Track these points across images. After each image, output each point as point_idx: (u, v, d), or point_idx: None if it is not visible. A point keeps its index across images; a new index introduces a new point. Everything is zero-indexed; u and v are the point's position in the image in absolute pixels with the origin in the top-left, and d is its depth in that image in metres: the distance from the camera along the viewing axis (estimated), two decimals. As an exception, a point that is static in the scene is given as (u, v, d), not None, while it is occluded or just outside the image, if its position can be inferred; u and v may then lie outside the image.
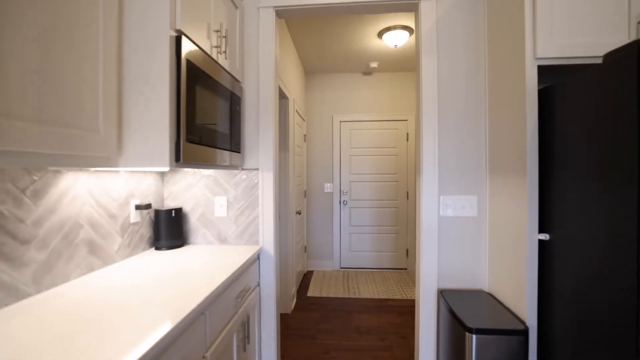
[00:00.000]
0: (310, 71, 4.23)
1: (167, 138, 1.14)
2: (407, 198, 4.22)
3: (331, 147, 4.30)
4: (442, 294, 1.76)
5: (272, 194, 1.88)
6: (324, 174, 4.32)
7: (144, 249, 1.74)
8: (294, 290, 3.24)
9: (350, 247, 4.31)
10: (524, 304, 1.42)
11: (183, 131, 1.18)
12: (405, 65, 3.96)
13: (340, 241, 4.32)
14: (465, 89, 1.81)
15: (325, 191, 4.31)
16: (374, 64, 3.88)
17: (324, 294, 3.46)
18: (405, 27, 2.95)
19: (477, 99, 1.81)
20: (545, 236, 1.38)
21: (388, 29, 2.98)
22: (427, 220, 1.81)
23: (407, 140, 4.21)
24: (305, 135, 4.19)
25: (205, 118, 1.37)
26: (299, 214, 3.47)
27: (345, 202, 4.29)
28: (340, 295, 3.42)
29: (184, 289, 1.14)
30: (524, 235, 1.42)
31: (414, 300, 3.28)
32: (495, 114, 1.71)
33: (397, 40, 3.04)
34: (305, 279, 3.98)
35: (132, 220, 1.63)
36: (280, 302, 2.99)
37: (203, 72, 1.34)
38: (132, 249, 1.63)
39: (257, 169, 1.90)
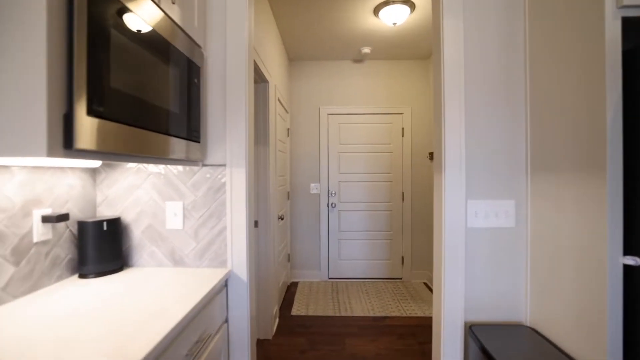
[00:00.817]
0: (295, 57, 3.75)
1: (44, 106, 0.64)
2: (403, 200, 3.81)
3: (318, 143, 3.84)
4: (472, 329, 1.33)
5: (245, 198, 1.39)
6: (309, 173, 3.85)
7: (59, 278, 1.22)
8: (275, 309, 2.75)
9: (339, 255, 3.86)
10: (600, 347, 1.00)
11: (80, 97, 0.69)
12: (401, 51, 3.54)
13: (328, 248, 3.86)
14: (497, 62, 1.39)
15: (312, 192, 3.84)
16: (366, 49, 3.44)
17: (311, 312, 2.99)
18: (406, 1, 2.52)
19: (513, 75, 1.39)
20: (634, 260, 0.96)
21: (386, 2, 2.54)
22: (451, 234, 1.37)
23: (403, 135, 3.80)
24: (288, 129, 3.71)
25: (134, 84, 0.88)
26: (282, 219, 2.98)
27: (333, 205, 3.84)
28: (329, 314, 2.96)
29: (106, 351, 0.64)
30: (602, 257, 1.00)
31: (415, 318, 2.86)
32: (541, 93, 1.29)
33: (396, 17, 2.61)
34: (289, 292, 3.50)
35: (36, 239, 1.11)
36: (259, 325, 2.50)
37: (127, 8, 0.84)
38: (36, 281, 1.11)
39: (224, 165, 1.41)
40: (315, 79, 3.83)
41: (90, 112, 0.72)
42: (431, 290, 3.55)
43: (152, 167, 1.41)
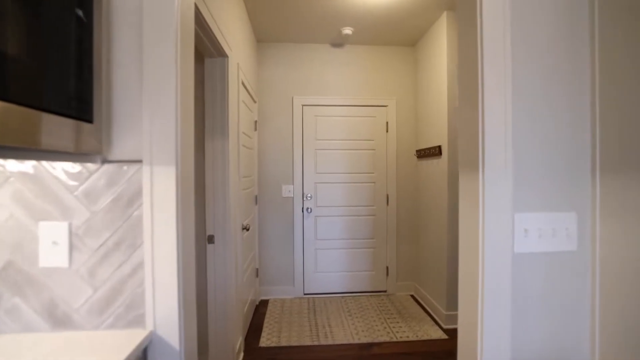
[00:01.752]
0: (264, 38, 3.21)
1: None
2: (387, 203, 3.39)
3: (291, 138, 3.33)
4: (525, 408, 0.89)
5: (174, 212, 0.86)
6: (281, 174, 3.33)
7: None
8: (239, 341, 2.22)
9: (316, 267, 3.37)
10: None
11: None
12: (386, 35, 3.12)
13: (303, 260, 3.36)
14: (554, 14, 0.96)
15: (284, 195, 3.32)
16: (347, 31, 2.98)
17: (284, 341, 2.47)
18: (398, -35, 2.08)
19: (577, 32, 0.96)
20: None
21: (375, -35, 2.08)
22: (492, 261, 0.92)
23: (387, 131, 3.38)
24: (256, 121, 3.16)
25: None
26: (247, 229, 2.45)
27: (309, 210, 3.34)
28: (306, 342, 2.46)
29: None
30: None
31: (407, 344, 2.43)
32: (621, 62, 0.87)
33: (386, -15, 2.16)
34: (258, 314, 2.96)
35: None
36: (217, 369, 1.95)
37: None
38: None
39: (141, 162, 0.87)
40: (288, 65, 3.32)
41: None
42: (419, 303, 3.16)
43: (13, 165, 0.85)
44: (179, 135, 0.87)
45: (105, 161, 0.86)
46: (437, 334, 2.58)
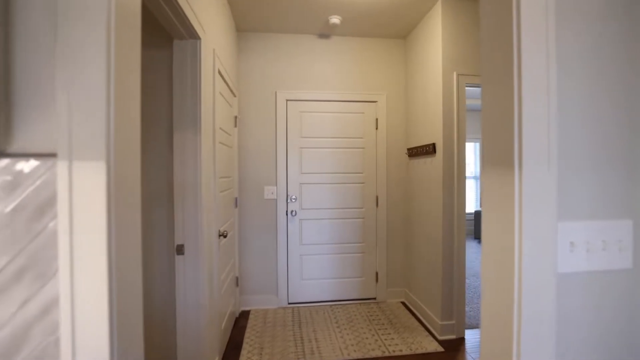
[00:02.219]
0: (246, 27, 2.95)
1: None
2: (377, 205, 3.19)
3: (274, 136, 3.08)
4: None
5: (104, 226, 0.61)
6: (264, 174, 3.07)
7: None
8: (215, 364, 1.96)
9: (301, 275, 3.13)
10: None
11: None
12: (377, 26, 2.92)
13: (287, 267, 3.11)
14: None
15: (266, 198, 3.07)
16: (334, 19, 2.76)
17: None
18: (393, -58, 1.88)
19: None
20: None
21: (367, -58, 1.87)
22: (532, 284, 0.72)
23: (377, 128, 3.18)
24: (236, 117, 2.90)
25: None
26: (224, 236, 2.18)
27: (293, 213, 3.10)
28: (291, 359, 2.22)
29: None
30: None
31: (401, 359, 2.23)
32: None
33: (378, -35, 1.96)
34: (238, 328, 2.70)
35: None
36: (188, 400, 1.68)
37: None
38: None
39: (55, 156, 0.61)
40: (271, 57, 3.07)
41: None
42: (410, 311, 2.97)
43: None
44: (112, 119, 0.62)
45: (3, 155, 0.60)
46: (432, 346, 2.40)
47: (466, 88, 2.51)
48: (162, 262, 1.71)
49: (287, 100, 3.08)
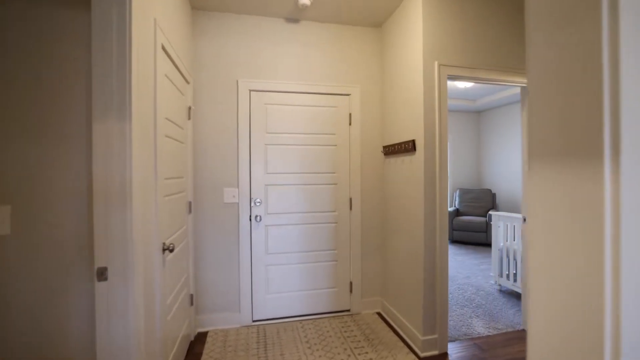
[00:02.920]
0: (202, 5, 2.55)
1: None
2: (351, 208, 2.92)
3: (236, 131, 2.71)
4: None
5: None
6: (224, 174, 2.69)
7: None
8: (156, 412, 1.56)
9: (267, 288, 2.78)
10: None
11: None
12: (350, 11, 2.65)
13: (251, 280, 2.75)
14: None
15: (227, 201, 2.69)
16: (305, 0, 2.45)
17: (224, 398, 1.85)
18: None
19: None
20: None
21: None
22: (633, 322, 0.45)
23: (350, 124, 2.91)
24: (190, 108, 2.49)
25: None
26: (170, 250, 1.78)
27: (258, 218, 2.74)
28: (253, 396, 1.87)
29: None
30: None
31: (380, 385, 1.96)
32: None
33: None
34: (193, 353, 2.29)
35: None
36: None
37: None
38: None
39: None
40: (233, 41, 2.69)
41: None
42: (388, 323, 2.73)
43: None
44: None
45: None
46: (414, 364, 2.16)
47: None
48: (78, 293, 1.30)
49: (250, 90, 2.72)
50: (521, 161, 2.62)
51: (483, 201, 6.00)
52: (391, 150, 2.71)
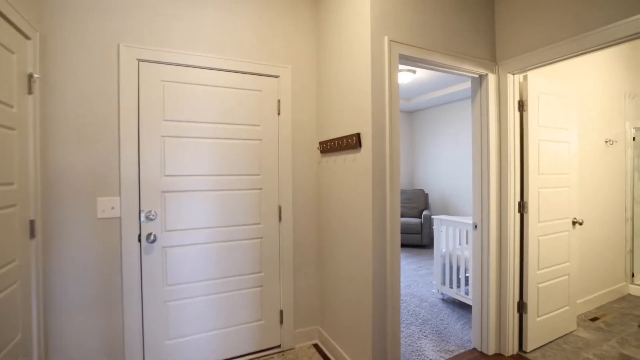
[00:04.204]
0: None
1: None
2: (280, 219, 2.34)
3: (116, 116, 1.91)
4: None
5: None
6: (95, 177, 1.87)
7: None
8: None
9: (167, 332, 2.04)
10: None
11: None
12: (276, -34, 2.06)
13: (142, 324, 1.97)
14: None
15: (102, 216, 1.87)
16: (214, -61, 1.78)
17: None
18: None
19: None
20: None
21: None
22: None
23: (279, 113, 2.32)
24: (32, 76, 1.63)
25: None
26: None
27: (152, 237, 1.98)
28: None
29: None
30: None
31: None
32: None
33: None
34: None
35: None
36: None
37: None
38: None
39: None
40: (109, -12, 1.89)
41: None
42: (326, 358, 2.22)
43: None
44: None
45: None
46: (362, 422, 1.67)
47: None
48: None
49: (139, 60, 1.95)
50: (472, 161, 2.34)
51: (416, 202, 5.95)
52: (330, 147, 2.19)
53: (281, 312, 2.35)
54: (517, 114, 2.23)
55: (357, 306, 1.95)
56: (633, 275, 3.40)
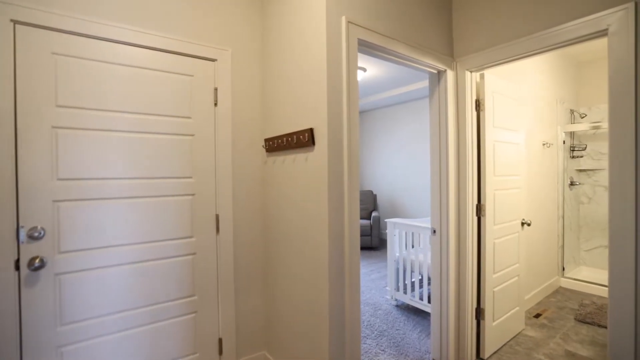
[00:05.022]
0: None
1: None
2: (218, 230, 1.96)
3: (-22, 97, 1.37)
4: None
5: None
6: (-56, 182, 1.32)
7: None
8: None
9: (61, 387, 1.54)
10: None
11: None
12: None
13: (20, 383, 1.45)
14: None
15: (-46, 237, 1.33)
16: None
17: None
18: None
19: None
20: None
21: None
22: None
23: (216, 104, 1.94)
24: None
25: None
26: None
27: (37, 264, 1.47)
28: None
29: None
30: None
31: None
32: None
33: None
34: None
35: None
36: None
37: None
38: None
39: None
40: None
41: None
42: (277, 394, 1.90)
43: None
44: None
45: None
46: None
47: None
48: None
49: (14, 22, 1.43)
50: (430, 163, 2.21)
51: (365, 203, 5.89)
52: (278, 145, 1.88)
53: (220, 340, 1.97)
54: (475, 114, 2.14)
55: (312, 325, 1.67)
56: (564, 269, 3.63)
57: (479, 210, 2.18)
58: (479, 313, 2.22)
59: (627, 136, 1.45)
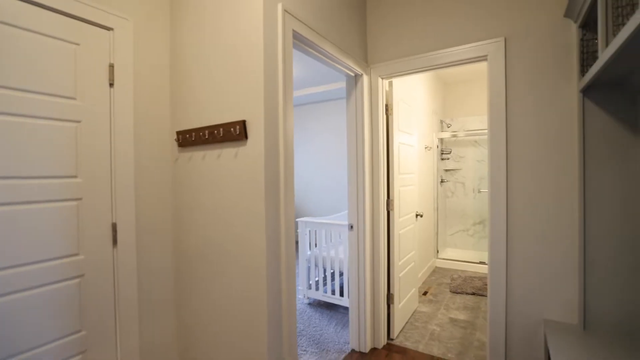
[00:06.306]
0: None
1: None
2: (115, 242, 1.56)
3: None
4: None
5: None
6: None
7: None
8: None
9: None
10: None
11: None
12: None
13: None
14: None
15: None
16: None
17: None
18: None
19: None
20: None
21: None
22: None
23: (112, 84, 1.54)
24: None
25: None
26: None
27: None
28: None
29: None
30: None
31: None
32: None
33: None
34: None
35: None
36: None
37: None
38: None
39: None
40: None
41: None
42: None
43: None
44: None
45: None
46: None
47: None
48: None
49: None
50: (347, 162, 2.30)
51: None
52: (197, 139, 1.63)
53: (120, 381, 1.58)
54: (385, 117, 2.35)
55: (245, 350, 1.51)
56: (438, 251, 4.38)
57: (389, 205, 2.40)
58: (389, 298, 2.44)
59: (500, 131, 1.83)
